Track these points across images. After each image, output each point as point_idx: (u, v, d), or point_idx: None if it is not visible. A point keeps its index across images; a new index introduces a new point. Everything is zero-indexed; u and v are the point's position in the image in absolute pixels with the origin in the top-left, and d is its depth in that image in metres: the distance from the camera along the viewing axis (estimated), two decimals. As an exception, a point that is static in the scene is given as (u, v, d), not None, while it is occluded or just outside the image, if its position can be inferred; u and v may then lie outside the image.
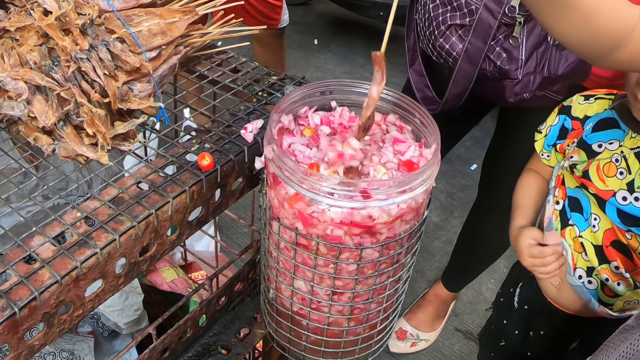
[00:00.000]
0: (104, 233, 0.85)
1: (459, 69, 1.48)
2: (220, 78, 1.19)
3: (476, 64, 1.46)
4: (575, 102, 1.34)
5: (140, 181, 0.93)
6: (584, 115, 1.31)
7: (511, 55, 1.43)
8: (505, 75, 1.46)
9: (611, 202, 1.18)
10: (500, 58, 1.44)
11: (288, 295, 1.03)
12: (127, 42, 1.03)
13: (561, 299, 1.40)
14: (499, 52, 1.44)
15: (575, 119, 1.32)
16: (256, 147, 1.03)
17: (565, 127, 1.34)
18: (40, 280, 0.79)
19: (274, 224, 0.95)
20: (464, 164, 3.21)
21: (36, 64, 0.98)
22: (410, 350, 2.37)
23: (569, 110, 1.34)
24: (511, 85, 1.48)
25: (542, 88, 1.48)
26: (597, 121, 1.26)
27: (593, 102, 1.31)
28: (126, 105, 1.00)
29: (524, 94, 1.48)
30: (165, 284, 1.51)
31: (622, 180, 1.17)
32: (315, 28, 4.13)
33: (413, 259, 1.03)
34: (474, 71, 1.47)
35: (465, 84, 1.51)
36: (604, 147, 1.22)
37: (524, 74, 1.44)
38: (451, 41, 1.47)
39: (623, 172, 1.17)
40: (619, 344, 0.90)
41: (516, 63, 1.44)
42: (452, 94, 1.54)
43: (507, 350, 1.66)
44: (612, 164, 1.18)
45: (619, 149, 1.19)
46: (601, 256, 1.25)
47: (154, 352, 1.07)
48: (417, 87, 1.63)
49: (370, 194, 0.84)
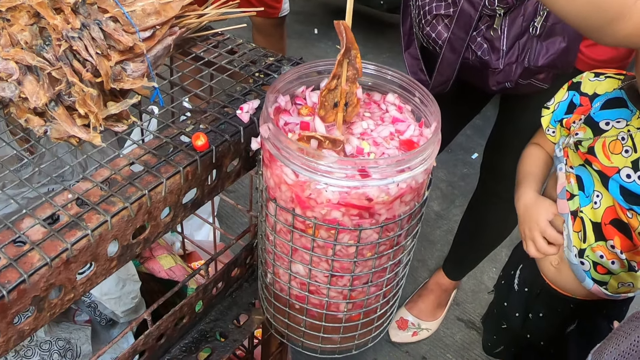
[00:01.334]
0: (95, 214, 0.83)
1: (443, 58, 1.51)
2: (217, 59, 1.17)
3: (459, 53, 1.49)
4: (586, 78, 1.33)
5: (133, 162, 0.91)
6: (594, 92, 1.29)
7: (493, 45, 1.46)
8: (486, 65, 1.49)
9: (615, 179, 1.16)
10: (482, 48, 1.47)
11: (286, 280, 1.01)
12: (121, 22, 1.01)
13: (560, 280, 1.39)
14: (481, 43, 1.47)
15: (584, 94, 1.31)
16: (252, 128, 1.01)
17: (573, 102, 1.33)
18: (29, 262, 0.77)
19: (270, 205, 0.93)
20: (465, 153, 3.19)
21: (27, 43, 0.95)
22: (412, 340, 2.36)
23: (578, 86, 1.33)
24: (493, 74, 1.51)
25: (525, 77, 1.51)
26: (606, 100, 1.24)
27: (603, 80, 1.30)
28: (119, 85, 0.98)
29: (505, 83, 1.51)
30: (163, 271, 1.49)
31: (627, 158, 1.15)
32: (316, 17, 4.11)
33: (413, 242, 1.01)
34: (457, 60, 1.51)
35: (449, 73, 1.54)
36: (611, 125, 1.20)
37: (505, 64, 1.47)
38: (437, 30, 1.50)
39: (629, 150, 1.15)
40: (630, 332, 0.89)
41: (497, 53, 1.47)
42: (437, 81, 1.58)
43: (508, 332, 1.66)
44: (618, 142, 1.17)
45: (626, 128, 1.18)
46: (598, 234, 1.24)
47: (149, 338, 1.05)
48: (411, 70, 1.64)
49: (369, 172, 0.82)
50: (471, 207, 2.20)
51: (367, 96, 1.02)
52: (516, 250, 1.64)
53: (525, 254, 1.46)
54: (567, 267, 1.33)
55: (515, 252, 1.63)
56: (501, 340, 1.72)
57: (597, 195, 1.22)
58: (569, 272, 1.33)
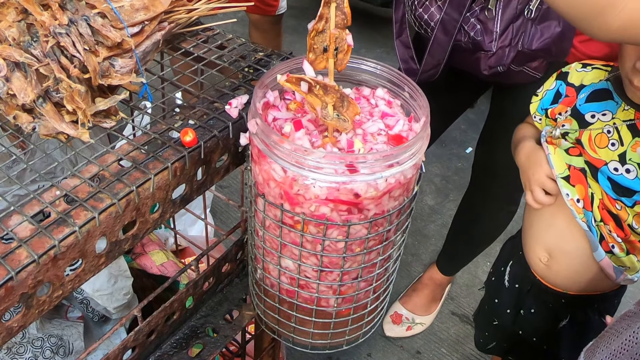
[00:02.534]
0: (83, 211, 0.83)
1: (435, 39, 1.49)
2: (206, 55, 1.17)
3: (451, 35, 1.46)
4: (573, 69, 1.33)
5: (121, 158, 0.91)
6: (580, 84, 1.29)
7: (486, 27, 1.43)
8: (478, 47, 1.46)
9: (603, 171, 1.16)
10: (475, 29, 1.44)
11: (275, 275, 1.01)
12: (109, 17, 1.00)
13: (550, 276, 1.39)
14: (474, 24, 1.44)
15: (570, 85, 1.31)
16: (241, 123, 1.00)
17: (559, 92, 1.32)
18: (17, 259, 0.77)
19: (259, 201, 0.93)
20: (459, 147, 3.18)
21: (15, 40, 0.95)
22: (406, 334, 2.36)
23: (566, 76, 1.33)
24: (485, 57, 1.48)
25: (519, 63, 1.47)
26: (592, 91, 1.24)
27: (590, 70, 1.30)
28: (107, 81, 0.97)
29: (498, 67, 1.48)
30: (155, 267, 1.49)
31: (614, 152, 1.16)
32: (310, 12, 4.07)
33: (403, 237, 1.01)
34: (449, 42, 1.48)
35: (440, 55, 1.51)
36: (596, 117, 1.20)
37: (499, 47, 1.44)
38: (430, 11, 1.47)
39: (615, 143, 1.15)
40: (622, 331, 0.89)
41: (491, 35, 1.44)
42: (428, 64, 1.55)
43: (500, 329, 1.66)
44: (603, 135, 1.17)
45: (612, 121, 1.18)
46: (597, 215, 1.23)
47: (139, 335, 1.04)
48: (402, 58, 1.62)
49: (357, 167, 0.81)
50: (464, 204, 2.20)
51: (356, 91, 1.02)
52: (505, 247, 1.64)
53: (514, 250, 1.46)
54: (557, 263, 1.33)
55: (505, 249, 1.63)
56: (493, 337, 1.72)
57: (588, 185, 1.22)
58: (559, 268, 1.33)
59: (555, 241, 1.33)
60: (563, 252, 1.32)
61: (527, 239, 1.42)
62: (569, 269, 1.33)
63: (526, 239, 1.43)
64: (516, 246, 1.50)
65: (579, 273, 1.32)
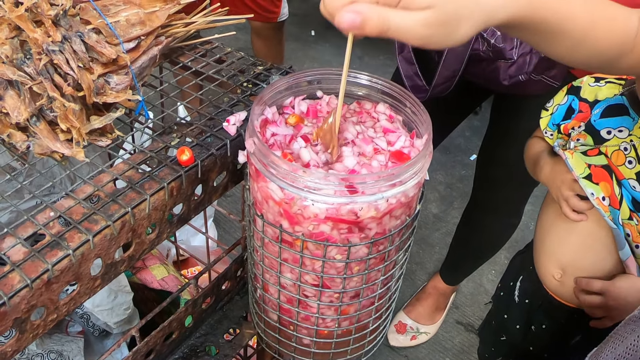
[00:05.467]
0: (77, 233, 0.81)
1: (450, 49, 1.42)
2: (204, 69, 1.15)
3: (468, 44, 1.41)
4: (585, 83, 1.28)
5: (117, 178, 0.89)
6: (594, 99, 1.25)
7: (505, 35, 1.38)
8: (499, 55, 1.41)
9: (624, 184, 1.14)
10: (495, 36, 1.39)
11: (275, 295, 0.99)
12: (104, 33, 0.99)
13: (563, 292, 1.36)
14: (493, 30, 1.38)
15: (583, 100, 1.27)
16: (239, 140, 0.98)
17: (572, 107, 1.29)
18: (9, 284, 0.75)
19: (257, 220, 0.91)
20: (463, 155, 3.16)
21: (8, 57, 0.93)
22: (411, 344, 2.34)
23: (578, 90, 1.29)
24: (505, 66, 1.44)
25: (539, 71, 1.43)
26: (607, 107, 1.21)
27: (603, 85, 1.26)
28: (102, 99, 0.96)
29: (519, 76, 1.43)
30: (155, 281, 1.48)
31: (631, 170, 1.13)
32: (312, 19, 4.08)
33: (406, 256, 0.99)
34: (465, 51, 1.43)
35: (456, 66, 1.47)
36: (612, 134, 1.17)
37: (519, 55, 1.39)
38: None
39: (632, 161, 1.12)
40: (627, 335, 0.87)
41: (511, 42, 1.39)
42: (442, 77, 1.49)
43: (507, 344, 1.63)
44: (620, 152, 1.14)
45: (628, 138, 1.15)
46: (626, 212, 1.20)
47: (137, 355, 1.03)
48: (406, 75, 1.58)
49: (357, 188, 0.79)
50: (465, 217, 2.17)
51: (357, 105, 1.00)
52: (514, 262, 1.61)
53: (524, 265, 1.43)
54: (571, 280, 1.30)
55: (514, 263, 1.60)
56: (499, 352, 1.69)
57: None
58: (572, 285, 1.30)
59: (570, 258, 1.30)
60: (577, 268, 1.29)
61: (540, 255, 1.39)
62: None
63: (538, 254, 1.40)
64: (526, 261, 1.48)
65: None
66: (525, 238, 2.61)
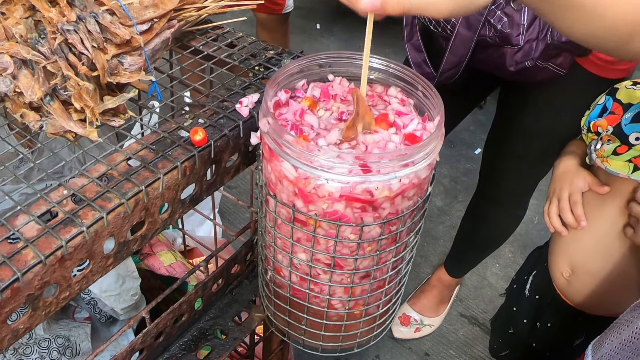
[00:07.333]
0: (91, 211, 0.81)
1: (457, 35, 1.43)
2: (216, 53, 1.15)
3: (475, 29, 1.41)
4: (623, 85, 1.29)
5: (130, 157, 0.89)
6: (628, 102, 1.25)
7: (512, 20, 1.37)
8: (506, 41, 1.41)
9: None
10: (502, 22, 1.38)
11: (286, 277, 0.99)
12: (117, 14, 0.99)
13: (569, 292, 1.36)
14: (500, 16, 1.38)
15: (617, 101, 1.27)
16: (252, 122, 0.99)
17: (605, 106, 1.29)
18: (23, 260, 0.76)
19: (270, 201, 0.91)
20: (468, 148, 3.17)
21: (22, 37, 0.94)
22: (414, 336, 2.34)
23: (615, 92, 1.30)
24: (512, 52, 1.43)
25: (545, 58, 1.42)
26: (638, 111, 1.21)
27: (639, 89, 1.26)
28: (116, 79, 0.96)
29: (525, 62, 1.43)
30: (163, 268, 1.48)
31: None
32: (318, 12, 4.08)
33: (416, 239, 0.99)
34: (472, 37, 1.42)
35: (463, 52, 1.46)
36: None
37: (526, 41, 1.39)
38: None
39: None
40: (633, 320, 0.87)
41: (517, 28, 1.38)
42: (449, 62, 1.49)
43: (514, 338, 1.64)
44: None
45: None
46: None
47: (147, 337, 1.03)
48: (414, 62, 1.58)
49: (371, 167, 0.80)
50: (469, 210, 2.18)
51: (369, 88, 1.00)
52: (531, 256, 1.61)
53: (539, 260, 1.43)
54: (578, 280, 1.30)
55: (531, 258, 1.61)
56: (507, 345, 1.70)
57: None
58: (580, 286, 1.30)
59: (580, 258, 1.30)
60: (585, 271, 1.29)
61: (553, 251, 1.40)
62: (589, 289, 1.31)
63: (552, 250, 1.40)
64: (542, 256, 1.48)
65: (598, 294, 1.30)
66: (529, 232, 2.61)
